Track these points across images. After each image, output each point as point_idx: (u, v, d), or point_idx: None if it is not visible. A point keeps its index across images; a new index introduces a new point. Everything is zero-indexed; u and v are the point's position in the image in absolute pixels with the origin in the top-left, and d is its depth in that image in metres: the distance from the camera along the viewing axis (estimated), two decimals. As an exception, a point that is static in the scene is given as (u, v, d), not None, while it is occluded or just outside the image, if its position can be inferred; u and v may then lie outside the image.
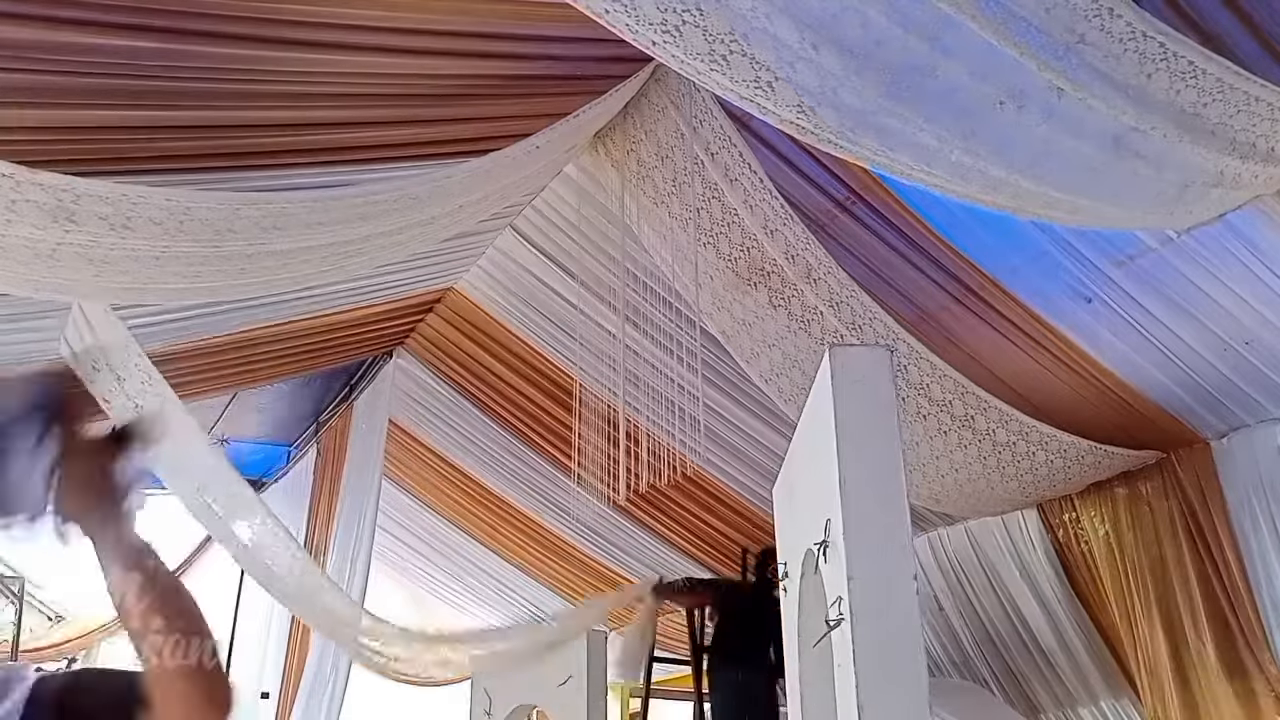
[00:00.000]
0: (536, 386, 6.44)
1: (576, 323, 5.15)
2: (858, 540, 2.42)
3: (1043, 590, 5.31)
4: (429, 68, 3.43)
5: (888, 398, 2.59)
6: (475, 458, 7.67)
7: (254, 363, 6.16)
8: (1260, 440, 4.45)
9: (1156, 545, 4.77)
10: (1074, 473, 4.83)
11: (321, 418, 8.33)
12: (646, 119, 4.37)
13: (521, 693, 5.69)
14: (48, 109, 2.95)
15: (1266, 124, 2.53)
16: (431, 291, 6.18)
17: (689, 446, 4.61)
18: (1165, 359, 4.22)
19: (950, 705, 5.09)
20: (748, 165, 4.09)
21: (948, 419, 4.56)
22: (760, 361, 4.74)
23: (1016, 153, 2.50)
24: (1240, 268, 3.71)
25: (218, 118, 3.25)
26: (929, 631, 5.73)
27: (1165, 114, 2.41)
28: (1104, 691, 5.21)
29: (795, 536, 3.30)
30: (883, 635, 2.35)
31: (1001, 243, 4.06)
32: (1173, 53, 2.36)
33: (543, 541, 8.17)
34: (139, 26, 2.74)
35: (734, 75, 2.25)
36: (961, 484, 4.89)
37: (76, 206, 2.86)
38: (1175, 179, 2.63)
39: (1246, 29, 2.95)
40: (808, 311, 4.42)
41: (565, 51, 3.65)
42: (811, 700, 3.16)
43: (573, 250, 5.10)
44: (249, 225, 3.27)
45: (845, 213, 4.23)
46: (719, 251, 4.42)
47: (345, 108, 3.46)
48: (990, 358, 4.55)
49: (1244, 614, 4.42)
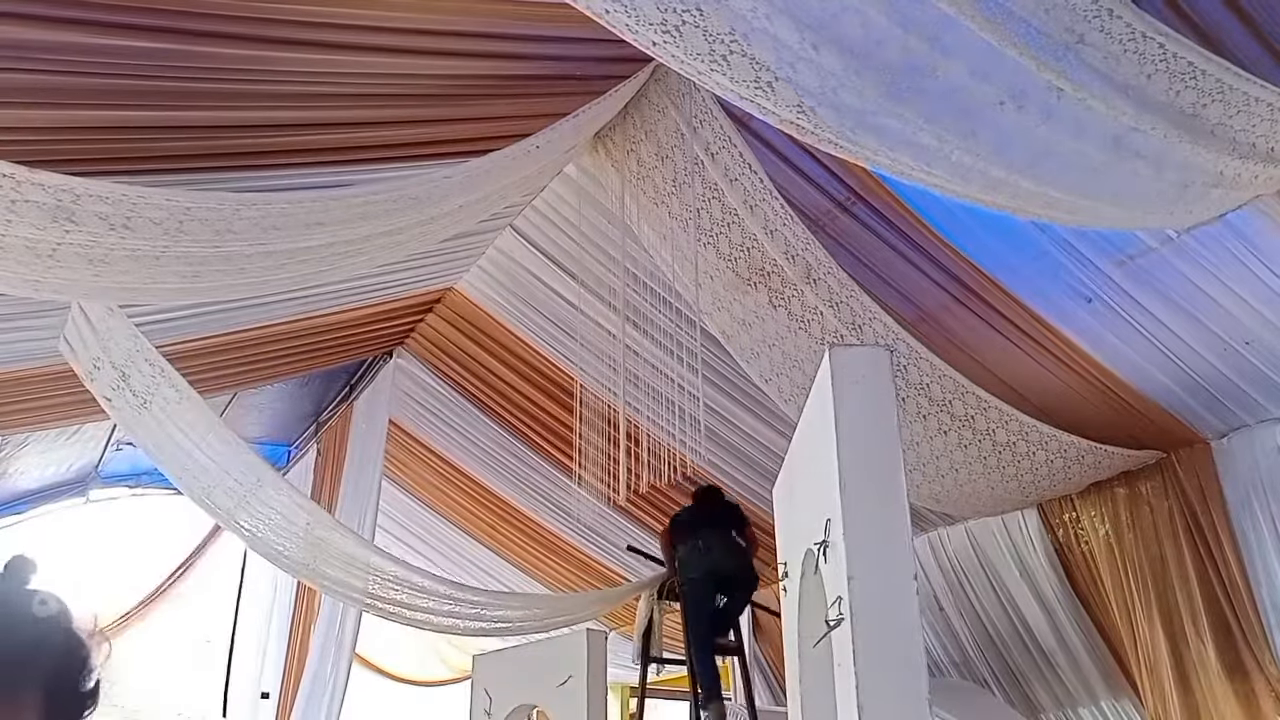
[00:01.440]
0: (536, 386, 6.44)
1: (576, 323, 5.15)
2: (858, 540, 2.42)
3: (1043, 590, 5.31)
4: (429, 68, 3.43)
5: (888, 398, 2.59)
6: (475, 458, 7.67)
7: (254, 363, 6.16)
8: (1260, 440, 4.45)
9: (1156, 545, 4.77)
10: (1074, 473, 4.83)
11: (321, 418, 8.33)
12: (646, 119, 4.37)
13: (521, 693, 5.69)
14: (48, 109, 2.96)
15: (1266, 124, 2.53)
16: (431, 291, 6.18)
17: (689, 446, 4.61)
18: (1165, 359, 4.22)
19: (950, 705, 5.09)
20: (748, 165, 4.10)
21: (948, 419, 4.56)
22: (760, 361, 4.75)
23: (1016, 153, 2.50)
24: (1240, 268, 3.71)
25: (218, 118, 3.25)
26: (929, 631, 5.73)
27: (1165, 114, 2.42)
28: (1104, 691, 5.22)
29: (795, 536, 3.30)
30: (883, 635, 2.35)
31: (1001, 243, 4.06)
32: (1172, 53, 2.36)
33: (543, 541, 8.18)
34: (139, 26, 2.74)
35: (734, 75, 2.25)
36: (961, 484, 4.89)
37: (76, 206, 2.85)
38: (1175, 179, 2.63)
39: (1246, 29, 2.95)
40: (808, 311, 4.42)
41: (565, 51, 3.65)
42: (811, 700, 3.15)
43: (573, 250, 5.10)
44: (249, 225, 3.27)
45: (845, 213, 4.23)
46: (719, 251, 4.42)
47: (345, 108, 3.46)
48: (990, 358, 4.55)
49: (1244, 614, 4.42)
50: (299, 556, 5.11)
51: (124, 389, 4.22)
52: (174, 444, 4.54)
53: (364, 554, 5.46)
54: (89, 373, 4.19)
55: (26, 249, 2.98)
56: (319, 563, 5.18)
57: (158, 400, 4.31)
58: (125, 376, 4.19)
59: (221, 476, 4.71)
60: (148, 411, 4.33)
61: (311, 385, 7.92)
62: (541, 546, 8.26)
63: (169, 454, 4.60)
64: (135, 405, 4.29)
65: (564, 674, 5.29)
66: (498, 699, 5.71)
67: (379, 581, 5.43)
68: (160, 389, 4.29)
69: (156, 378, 4.26)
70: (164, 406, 4.35)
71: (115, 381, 4.20)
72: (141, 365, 4.20)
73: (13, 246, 2.95)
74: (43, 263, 3.08)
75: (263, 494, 4.85)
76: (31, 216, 2.82)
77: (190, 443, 4.55)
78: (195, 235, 3.19)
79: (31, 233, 2.90)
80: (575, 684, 5.22)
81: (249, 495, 4.80)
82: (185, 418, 4.45)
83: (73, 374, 4.32)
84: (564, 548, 8.05)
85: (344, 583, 5.35)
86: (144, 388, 4.26)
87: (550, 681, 5.38)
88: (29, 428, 6.34)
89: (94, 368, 4.17)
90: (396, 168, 3.77)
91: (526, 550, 8.47)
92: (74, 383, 4.49)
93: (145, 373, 4.23)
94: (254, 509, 4.86)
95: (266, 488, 4.87)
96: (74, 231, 2.93)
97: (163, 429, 4.44)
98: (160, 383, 4.27)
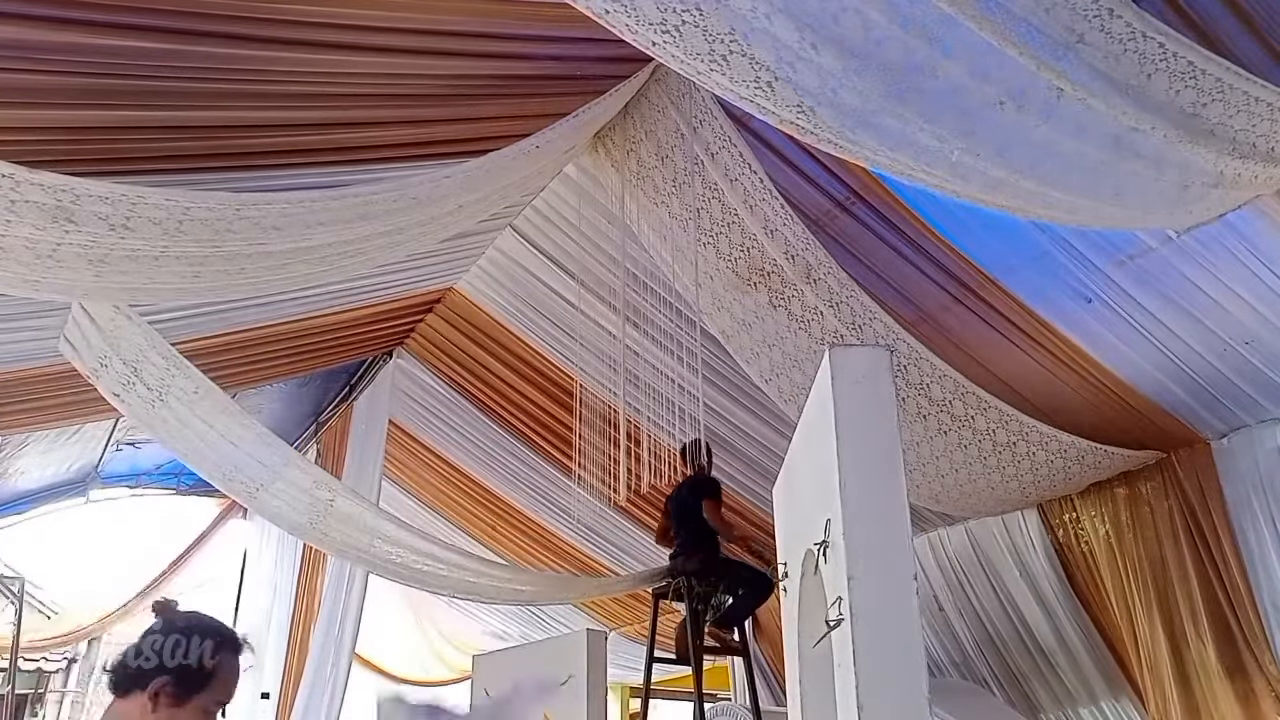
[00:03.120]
0: (537, 387, 6.45)
1: (576, 323, 5.16)
2: (858, 540, 2.41)
3: (1043, 590, 5.31)
4: (429, 68, 3.43)
5: (888, 398, 2.58)
6: (475, 458, 7.67)
7: (254, 363, 6.16)
8: (1260, 440, 4.45)
9: (1156, 545, 4.77)
10: (1074, 473, 4.83)
11: (321, 418, 8.33)
12: (646, 119, 4.37)
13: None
14: (48, 109, 2.96)
15: (1266, 124, 2.53)
16: (431, 291, 6.18)
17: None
18: (1165, 359, 4.22)
19: (950, 705, 5.08)
20: (748, 165, 4.10)
21: (948, 419, 4.56)
22: (760, 361, 4.75)
23: (1016, 153, 2.50)
24: (1240, 268, 3.71)
25: (218, 118, 3.25)
26: (929, 631, 5.73)
27: (1165, 114, 2.42)
28: (1104, 691, 5.21)
29: (795, 536, 3.30)
30: (883, 635, 2.34)
31: (1001, 243, 4.06)
32: (1172, 53, 2.36)
33: (543, 541, 8.18)
34: (139, 26, 2.74)
35: (734, 75, 2.25)
36: (961, 484, 4.89)
37: (76, 206, 2.85)
38: (1175, 179, 2.63)
39: (1246, 29, 2.95)
40: (808, 311, 4.42)
41: (565, 51, 3.65)
42: (811, 700, 3.16)
43: (573, 250, 5.10)
44: (249, 225, 3.27)
45: (845, 213, 4.23)
46: (719, 251, 4.42)
47: (345, 108, 3.46)
48: (990, 358, 4.55)
49: (1244, 614, 4.42)
50: (324, 530, 5.18)
51: (136, 384, 4.21)
52: (194, 434, 4.56)
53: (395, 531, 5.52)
54: (94, 371, 4.18)
55: (26, 249, 2.98)
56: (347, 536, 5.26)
57: (174, 393, 4.31)
58: (136, 372, 4.18)
59: (245, 460, 4.75)
60: (164, 404, 4.33)
61: (311, 385, 7.92)
62: (541, 546, 8.26)
63: (188, 444, 4.61)
64: (149, 400, 4.28)
65: (564, 674, 5.30)
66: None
67: (399, 550, 5.47)
68: (176, 382, 4.29)
69: (171, 370, 4.26)
70: (181, 398, 4.35)
71: (126, 378, 4.19)
72: (154, 359, 4.20)
73: (13, 246, 2.95)
74: (43, 263, 3.08)
75: (288, 474, 4.90)
76: (31, 216, 2.82)
77: (213, 431, 4.57)
78: (195, 235, 3.19)
79: (31, 233, 2.91)
80: (575, 684, 5.23)
81: (273, 476, 4.85)
82: (203, 407, 4.46)
83: (73, 374, 4.32)
84: (564, 548, 8.05)
85: (373, 554, 5.42)
86: (158, 382, 4.26)
87: (550, 681, 5.38)
88: (29, 428, 6.34)
89: (100, 365, 4.16)
90: (396, 168, 3.77)
91: (526, 550, 8.47)
92: (74, 383, 4.49)
93: (159, 366, 4.22)
94: (276, 488, 4.93)
95: (291, 467, 4.94)
96: (74, 231, 2.93)
97: (180, 420, 4.46)
98: (175, 375, 4.27)
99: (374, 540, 5.36)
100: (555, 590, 7.08)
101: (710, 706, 6.26)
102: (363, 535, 5.33)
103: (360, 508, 5.36)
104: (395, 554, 5.42)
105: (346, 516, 5.21)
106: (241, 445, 4.69)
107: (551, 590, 7.01)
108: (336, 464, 7.74)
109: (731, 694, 7.34)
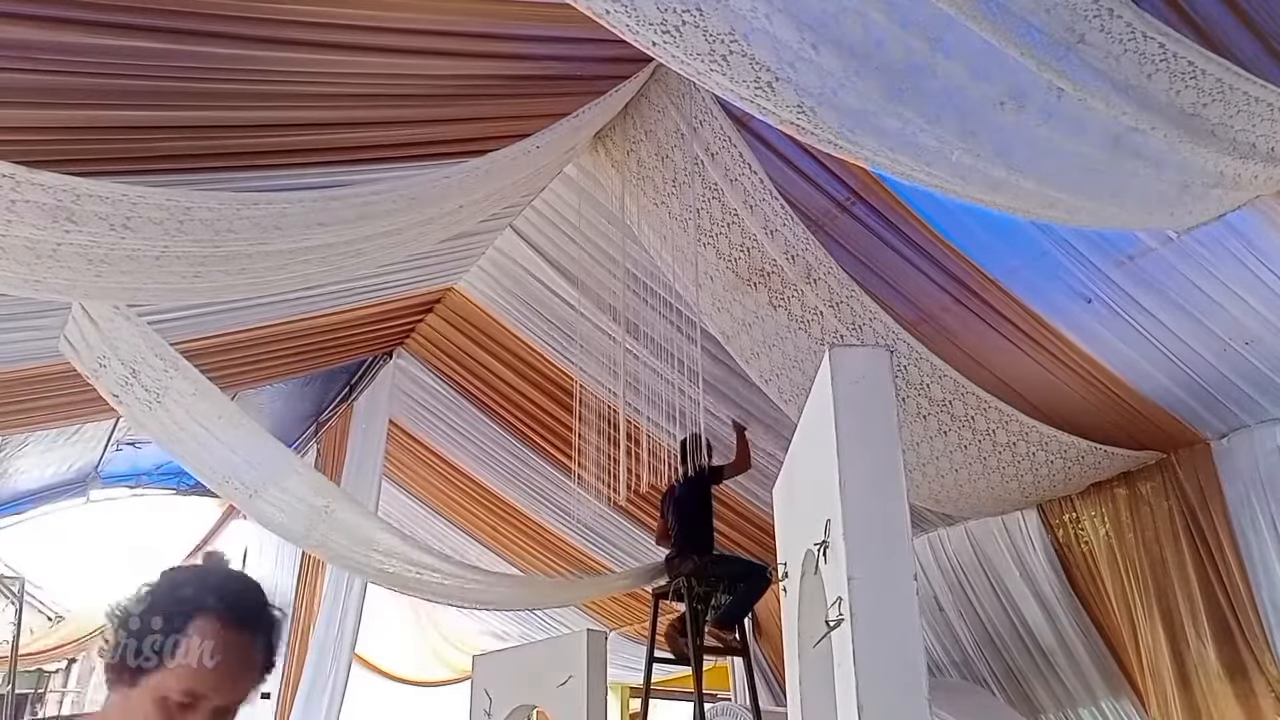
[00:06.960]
0: (536, 386, 6.45)
1: (576, 323, 5.16)
2: (858, 540, 2.41)
3: (1043, 590, 5.31)
4: (429, 68, 3.43)
5: (888, 398, 2.58)
6: (475, 458, 7.67)
7: (254, 363, 6.16)
8: (1260, 440, 4.45)
9: (1156, 545, 4.77)
10: (1074, 473, 4.83)
11: (321, 418, 8.33)
12: (646, 119, 4.37)
13: (521, 693, 5.69)
14: (48, 109, 2.95)
15: (1266, 124, 2.53)
16: (431, 291, 6.18)
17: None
18: (1165, 359, 4.22)
19: (950, 705, 5.08)
20: (748, 165, 4.09)
21: (948, 419, 4.56)
22: (760, 362, 4.75)
23: (1016, 153, 2.50)
24: (1240, 268, 3.71)
25: (218, 118, 3.25)
26: (929, 631, 5.73)
27: (1165, 114, 2.42)
28: (1104, 691, 5.22)
29: (795, 536, 3.30)
30: (883, 635, 2.35)
31: (1001, 243, 4.06)
32: (1172, 53, 2.36)
33: (543, 541, 8.18)
34: (139, 26, 2.74)
35: (734, 75, 2.25)
36: (961, 484, 4.90)
37: (76, 206, 2.85)
38: (1175, 179, 2.63)
39: (1246, 29, 2.95)
40: (808, 312, 4.42)
41: (565, 51, 3.65)
42: (811, 700, 3.16)
43: (573, 250, 5.10)
44: (249, 225, 3.27)
45: (845, 213, 4.23)
46: (719, 252, 4.42)
47: (345, 108, 3.46)
48: (990, 358, 4.55)
49: (1244, 614, 4.42)
50: (319, 536, 5.16)
51: (134, 385, 4.20)
52: (190, 436, 4.54)
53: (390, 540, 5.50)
54: (94, 371, 4.18)
55: (26, 249, 2.98)
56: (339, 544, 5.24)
57: (171, 395, 4.30)
58: (135, 373, 4.17)
59: (242, 465, 4.73)
60: (161, 407, 4.32)
61: (311, 385, 7.92)
62: (541, 546, 8.27)
63: (185, 446, 4.60)
64: (147, 401, 4.27)
65: (564, 674, 5.30)
66: (498, 699, 5.71)
67: (394, 560, 5.47)
68: (174, 383, 4.28)
69: (169, 372, 4.24)
70: (178, 400, 4.34)
71: (124, 378, 4.18)
72: (152, 361, 4.19)
73: (13, 246, 2.95)
74: (43, 263, 3.08)
75: (282, 479, 4.88)
76: (31, 216, 2.82)
77: (210, 435, 4.55)
78: (195, 235, 3.18)
79: (31, 233, 2.90)
80: (575, 684, 5.22)
81: (268, 481, 4.83)
82: (200, 409, 4.45)
83: (73, 374, 4.32)
84: (564, 548, 8.05)
85: (370, 564, 5.42)
86: (155, 383, 4.24)
87: (550, 681, 5.38)
88: (29, 428, 6.34)
89: (99, 365, 4.15)
90: (396, 168, 3.76)
91: (526, 550, 8.47)
92: (74, 382, 4.49)
93: (156, 368, 4.21)
94: (271, 495, 4.90)
95: (288, 471, 4.91)
96: (74, 231, 2.93)
97: (177, 423, 4.44)
98: (173, 376, 4.26)
99: (370, 552, 5.35)
100: (553, 595, 7.08)
101: (710, 706, 6.27)
102: (360, 546, 5.32)
103: (358, 516, 5.34)
104: (391, 564, 5.42)
105: (344, 525, 5.19)
106: (238, 450, 4.67)
107: (550, 596, 7.01)
108: (336, 464, 7.74)
109: (731, 694, 7.35)
